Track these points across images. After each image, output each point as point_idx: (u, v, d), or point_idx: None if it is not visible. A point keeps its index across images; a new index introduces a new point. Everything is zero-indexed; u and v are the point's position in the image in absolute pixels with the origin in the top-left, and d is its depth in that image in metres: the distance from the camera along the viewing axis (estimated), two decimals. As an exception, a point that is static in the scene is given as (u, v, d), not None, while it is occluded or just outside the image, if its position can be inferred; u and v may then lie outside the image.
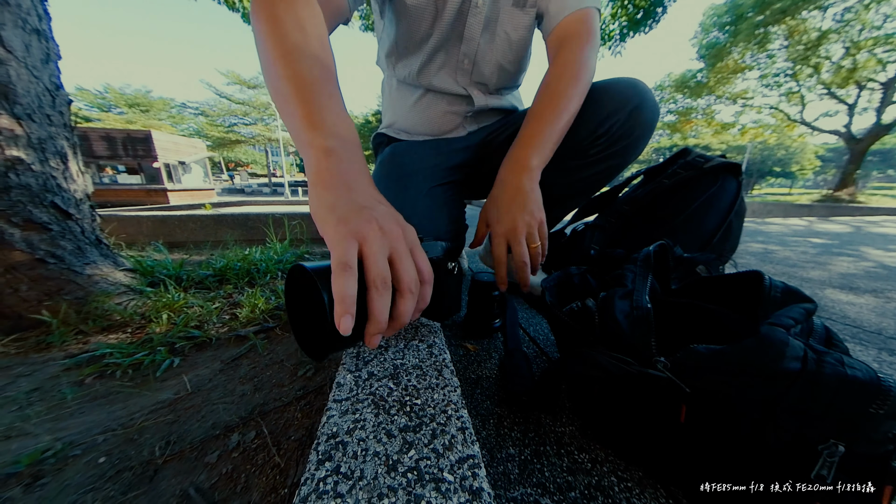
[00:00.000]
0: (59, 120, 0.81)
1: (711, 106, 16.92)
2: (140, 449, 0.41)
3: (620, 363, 0.31)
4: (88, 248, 0.84)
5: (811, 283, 1.12)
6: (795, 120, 15.14)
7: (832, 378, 0.23)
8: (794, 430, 0.24)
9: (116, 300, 0.80)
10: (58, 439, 0.43)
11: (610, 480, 0.34)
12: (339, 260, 0.27)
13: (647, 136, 0.65)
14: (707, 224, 0.69)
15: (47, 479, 0.38)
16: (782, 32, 12.62)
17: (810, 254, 1.63)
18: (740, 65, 13.92)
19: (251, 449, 0.41)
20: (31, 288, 0.72)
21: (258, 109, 28.07)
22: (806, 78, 13.75)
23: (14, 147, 0.71)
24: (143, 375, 0.58)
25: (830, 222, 3.22)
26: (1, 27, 0.68)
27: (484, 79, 0.74)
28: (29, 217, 0.72)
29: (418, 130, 0.80)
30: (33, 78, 0.74)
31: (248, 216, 1.77)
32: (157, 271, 0.97)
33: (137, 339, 0.68)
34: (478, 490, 0.23)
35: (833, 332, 0.32)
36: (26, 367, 0.61)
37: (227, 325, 0.75)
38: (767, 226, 2.76)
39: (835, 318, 0.82)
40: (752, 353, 0.25)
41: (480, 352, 0.60)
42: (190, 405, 0.50)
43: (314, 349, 0.33)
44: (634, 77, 0.64)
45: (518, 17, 0.67)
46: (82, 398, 0.52)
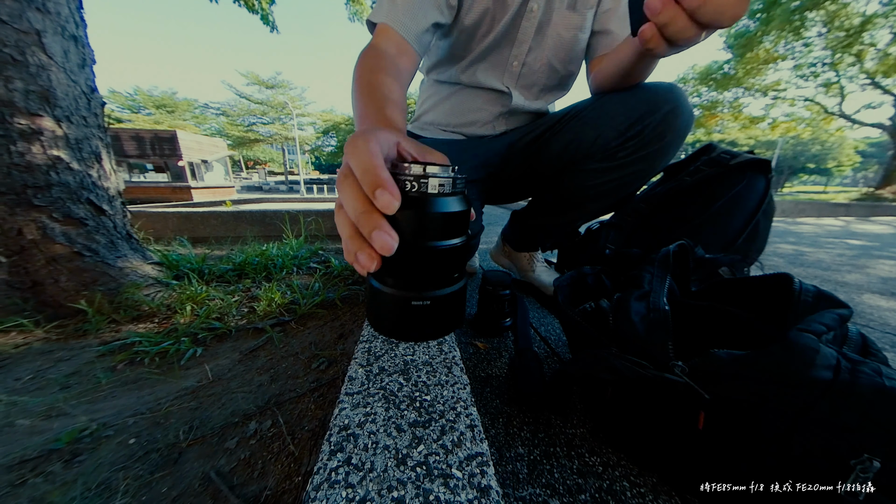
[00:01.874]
0: (93, 121, 0.86)
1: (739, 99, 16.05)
2: (166, 432, 0.44)
3: (635, 366, 0.30)
4: (120, 242, 0.89)
5: (847, 288, 1.05)
6: (833, 113, 14.15)
7: (868, 389, 0.22)
8: (824, 442, 0.23)
9: (145, 292, 0.85)
10: (93, 420, 0.46)
11: (622, 485, 0.33)
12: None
13: (678, 143, 0.62)
14: (732, 224, 0.65)
15: (84, 457, 0.40)
16: (821, 18, 11.76)
17: (847, 256, 1.53)
18: (772, 54, 13.09)
19: (267, 437, 0.43)
20: (69, 279, 0.78)
21: (275, 109, 28.84)
22: (846, 67, 12.80)
23: (55, 147, 0.76)
24: (168, 363, 0.61)
25: (870, 222, 3.00)
26: (42, 34, 0.73)
27: (532, 79, 0.73)
28: (68, 213, 0.78)
29: (448, 122, 0.79)
30: (71, 82, 0.79)
31: (265, 213, 1.82)
32: (182, 265, 1.02)
33: (164, 329, 0.72)
34: (486, 488, 0.23)
35: (870, 341, 0.30)
36: (66, 352, 0.66)
37: (245, 317, 0.78)
38: (799, 226, 2.61)
39: (873, 325, 0.77)
40: (779, 359, 0.24)
41: (491, 350, 0.60)
42: (211, 393, 0.52)
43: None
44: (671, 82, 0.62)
45: (571, 18, 0.66)
46: (115, 383, 0.56)
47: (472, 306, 0.81)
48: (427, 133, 0.82)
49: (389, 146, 0.28)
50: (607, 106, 0.63)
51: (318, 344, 0.66)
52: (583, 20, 0.66)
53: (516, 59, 0.70)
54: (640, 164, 0.63)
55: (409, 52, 0.54)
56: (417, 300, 0.27)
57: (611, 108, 0.62)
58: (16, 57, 0.70)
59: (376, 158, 0.23)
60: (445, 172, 0.25)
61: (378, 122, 0.38)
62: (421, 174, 0.25)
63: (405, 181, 0.25)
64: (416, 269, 0.27)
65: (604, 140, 0.62)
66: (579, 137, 0.65)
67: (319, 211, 1.83)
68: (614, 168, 0.64)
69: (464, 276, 0.30)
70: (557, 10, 0.65)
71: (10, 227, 0.72)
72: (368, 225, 0.22)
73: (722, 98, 16.18)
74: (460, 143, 0.78)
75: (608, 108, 0.62)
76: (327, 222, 1.77)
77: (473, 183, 0.75)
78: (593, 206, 0.75)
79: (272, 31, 3.79)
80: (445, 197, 0.25)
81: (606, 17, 0.66)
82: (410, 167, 0.25)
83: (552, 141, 0.69)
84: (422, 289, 0.27)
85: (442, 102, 0.79)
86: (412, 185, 0.25)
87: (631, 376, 0.30)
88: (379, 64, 0.48)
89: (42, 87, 0.74)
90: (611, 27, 0.66)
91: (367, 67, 0.47)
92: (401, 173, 0.25)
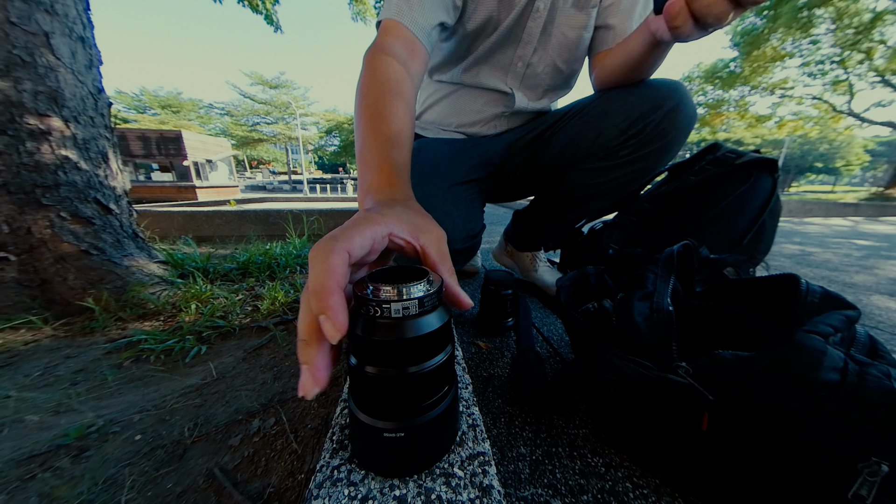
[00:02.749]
0: (100, 121, 0.87)
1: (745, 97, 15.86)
2: (171, 429, 0.44)
3: (638, 367, 0.30)
4: (126, 241, 0.90)
5: (855, 289, 1.03)
6: (842, 111, 13.94)
7: (876, 392, 0.21)
8: (830, 445, 0.23)
9: (151, 290, 0.85)
10: (100, 416, 0.47)
11: (625, 486, 0.33)
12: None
13: (680, 141, 0.62)
14: (737, 224, 0.65)
15: (91, 452, 0.41)
16: (829, 15, 11.59)
17: (854, 257, 1.51)
18: (779, 52, 12.92)
19: (271, 435, 0.43)
20: (77, 277, 0.79)
21: (279, 109, 29.01)
22: (856, 65, 12.60)
23: (63, 147, 0.77)
24: (173, 361, 0.62)
25: (879, 223, 2.95)
26: (51, 36, 0.74)
27: (536, 80, 0.73)
28: (76, 212, 0.79)
29: (449, 121, 0.79)
30: (79, 83, 0.80)
31: (269, 212, 1.84)
32: (187, 264, 1.03)
33: (169, 327, 0.72)
34: (488, 487, 0.23)
35: (879, 343, 0.29)
36: (73, 349, 0.67)
37: (249, 315, 0.79)
38: (806, 226, 2.57)
39: (882, 327, 0.76)
40: (784, 361, 0.24)
41: (493, 350, 0.60)
42: (215, 390, 0.53)
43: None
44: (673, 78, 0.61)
45: (576, 17, 0.65)
46: (121, 380, 0.57)
47: (472, 307, 0.81)
48: (428, 132, 0.81)
49: (378, 239, 0.25)
50: (608, 104, 0.62)
51: (320, 343, 0.66)
52: (587, 18, 0.66)
53: (521, 60, 0.69)
54: (641, 162, 0.63)
55: (420, 50, 0.52)
56: (391, 432, 0.22)
57: (612, 106, 0.61)
58: (25, 58, 0.71)
59: (330, 279, 0.20)
60: (414, 291, 0.21)
61: (379, 181, 0.34)
62: (381, 299, 0.21)
63: (368, 306, 0.21)
64: (385, 398, 0.22)
65: (605, 139, 0.62)
66: (580, 136, 0.64)
67: (322, 210, 1.84)
68: (616, 166, 0.64)
69: (450, 393, 0.25)
70: (562, 10, 0.64)
71: (20, 225, 0.73)
72: (302, 356, 0.20)
73: (728, 96, 16.00)
74: (461, 142, 0.77)
75: (609, 106, 0.62)
76: (330, 222, 1.78)
77: (473, 183, 0.75)
78: (595, 204, 0.75)
79: (276, 30, 3.81)
80: (413, 319, 0.22)
81: (609, 12, 0.65)
82: (369, 289, 0.22)
83: (553, 140, 0.69)
84: (396, 419, 0.22)
85: (443, 101, 0.78)
86: (374, 309, 0.21)
87: (634, 377, 0.30)
88: (387, 81, 0.44)
89: (50, 88, 0.75)
90: (612, 22, 0.65)
91: (375, 86, 0.43)
92: (361, 293, 0.22)
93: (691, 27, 0.38)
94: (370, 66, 0.45)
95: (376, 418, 0.23)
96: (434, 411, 0.24)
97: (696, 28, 0.38)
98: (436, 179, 0.66)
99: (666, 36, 0.44)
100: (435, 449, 0.25)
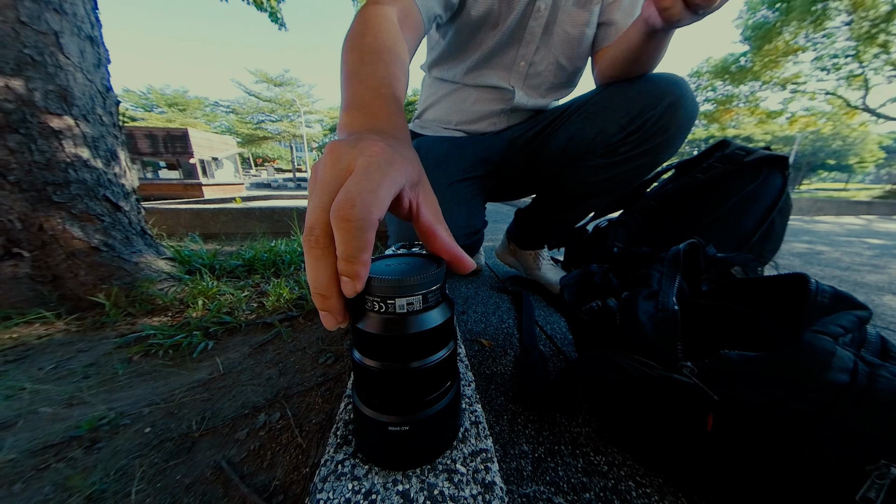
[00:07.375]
0: (109, 120, 0.88)
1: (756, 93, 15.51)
2: (179, 422, 0.45)
3: (642, 366, 0.30)
4: (135, 238, 0.91)
5: (866, 289, 1.01)
6: (856, 106, 13.57)
7: (887, 393, 0.21)
8: (838, 447, 0.22)
9: (159, 286, 0.87)
10: (111, 409, 0.48)
11: (627, 485, 0.33)
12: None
13: (682, 136, 0.61)
14: (746, 222, 0.64)
15: (103, 444, 0.42)
16: (844, 8, 11.24)
17: (866, 256, 1.47)
18: (792, 46, 12.59)
19: (276, 429, 0.44)
20: (87, 273, 0.80)
21: (283, 106, 29.10)
22: (871, 59, 12.23)
23: (73, 145, 0.78)
24: (181, 356, 0.63)
25: (893, 221, 2.88)
26: (60, 35, 0.75)
27: (539, 79, 0.72)
28: (86, 209, 0.80)
29: (450, 119, 0.79)
30: (87, 81, 0.81)
31: (274, 210, 1.85)
32: (194, 260, 1.04)
33: (177, 323, 0.74)
34: (490, 484, 0.23)
35: (891, 344, 0.29)
36: (85, 343, 0.68)
37: (255, 312, 0.80)
38: (816, 224, 2.52)
39: (894, 327, 0.74)
40: (792, 362, 0.23)
41: (496, 348, 0.60)
42: (222, 385, 0.53)
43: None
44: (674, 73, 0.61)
45: (578, 14, 0.65)
46: (131, 374, 0.58)
47: (475, 305, 0.81)
48: (429, 131, 0.81)
49: (403, 186, 0.21)
50: (608, 100, 0.62)
51: (325, 339, 0.67)
52: (590, 15, 0.65)
53: (523, 59, 0.69)
54: (642, 158, 0.62)
55: (416, 19, 0.46)
56: (395, 425, 0.23)
57: (611, 101, 0.61)
58: (35, 57, 0.72)
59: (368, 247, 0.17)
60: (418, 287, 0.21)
61: (385, 108, 0.30)
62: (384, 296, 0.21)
63: (372, 300, 0.21)
64: (391, 392, 0.23)
65: (605, 135, 0.61)
66: (580, 133, 0.64)
67: (326, 208, 1.84)
68: (617, 163, 0.63)
69: (453, 388, 0.25)
70: (563, 8, 0.64)
71: (32, 222, 0.75)
72: (321, 305, 0.19)
73: (738, 92, 15.67)
74: (461, 139, 0.77)
75: (609, 102, 0.61)
76: (334, 219, 1.78)
77: (473, 180, 0.75)
78: (597, 201, 0.74)
79: (280, 28, 3.82)
80: (418, 314, 0.21)
81: (611, 8, 0.65)
82: (374, 283, 0.21)
83: (553, 137, 0.68)
84: (400, 413, 0.23)
85: (443, 100, 0.78)
86: (378, 304, 0.21)
87: (638, 376, 0.30)
88: (384, 25, 0.39)
89: (60, 87, 0.76)
90: (615, 17, 0.64)
91: (373, 26, 0.37)
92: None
93: (681, 10, 0.38)
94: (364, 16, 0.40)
95: (381, 412, 0.23)
96: (437, 405, 0.24)
97: (686, 12, 0.38)
98: (436, 176, 0.66)
99: (658, 22, 0.43)
100: (438, 443, 0.26)
